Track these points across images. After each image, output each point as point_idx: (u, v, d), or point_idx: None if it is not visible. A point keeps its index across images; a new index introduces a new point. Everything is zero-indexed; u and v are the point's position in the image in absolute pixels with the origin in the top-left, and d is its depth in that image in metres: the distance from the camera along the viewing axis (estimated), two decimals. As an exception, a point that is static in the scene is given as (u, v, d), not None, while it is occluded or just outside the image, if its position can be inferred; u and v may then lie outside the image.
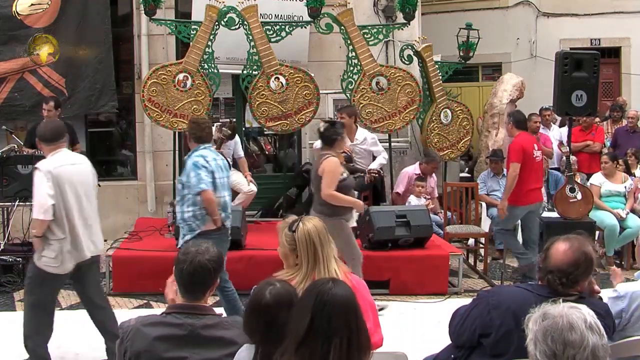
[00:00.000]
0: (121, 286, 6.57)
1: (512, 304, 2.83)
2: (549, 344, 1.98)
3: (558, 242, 2.90)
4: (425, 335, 5.31)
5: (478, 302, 2.99)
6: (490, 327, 2.85)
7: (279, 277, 3.10)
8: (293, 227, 3.21)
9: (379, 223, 6.65)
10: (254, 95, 7.87)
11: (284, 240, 3.22)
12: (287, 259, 3.25)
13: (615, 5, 12.80)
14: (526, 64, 12.86)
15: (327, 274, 3.13)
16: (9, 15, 8.78)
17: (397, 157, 9.32)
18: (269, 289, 2.42)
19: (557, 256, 2.84)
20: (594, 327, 2.00)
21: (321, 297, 2.22)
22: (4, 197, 6.95)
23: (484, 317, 2.89)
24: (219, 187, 5.12)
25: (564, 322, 1.99)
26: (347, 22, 7.97)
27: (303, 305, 2.24)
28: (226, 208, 5.23)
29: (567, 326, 1.98)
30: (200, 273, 2.70)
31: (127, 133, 10.08)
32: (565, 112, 7.15)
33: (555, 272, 2.81)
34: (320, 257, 3.16)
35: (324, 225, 3.28)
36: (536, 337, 2.02)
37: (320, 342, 2.16)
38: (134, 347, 2.58)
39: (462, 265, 6.81)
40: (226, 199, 5.24)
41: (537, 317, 2.07)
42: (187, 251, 2.76)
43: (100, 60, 9.04)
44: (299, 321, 2.20)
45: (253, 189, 7.82)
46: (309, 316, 2.18)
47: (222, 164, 5.23)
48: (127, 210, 9.32)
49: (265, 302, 2.39)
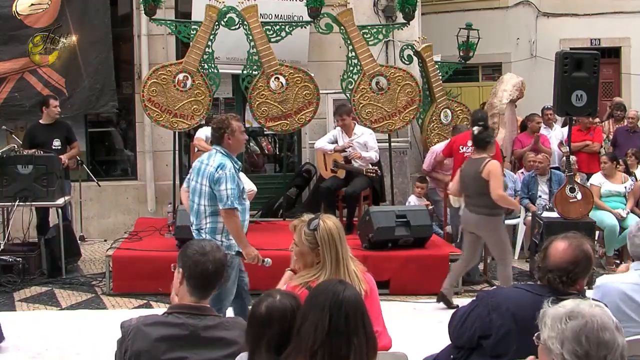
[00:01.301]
0: (121, 286, 6.56)
1: (511, 305, 2.83)
2: (582, 344, 1.94)
3: (556, 241, 2.90)
4: (425, 335, 5.31)
5: (477, 303, 2.98)
6: (489, 329, 2.84)
7: (299, 280, 3.11)
8: (313, 225, 3.15)
9: (379, 223, 6.65)
10: (254, 95, 7.87)
11: (304, 239, 3.16)
12: (304, 258, 3.19)
13: (615, 5, 12.80)
14: (526, 64, 12.88)
15: (348, 272, 3.11)
16: (9, 15, 8.78)
17: (397, 157, 9.31)
18: (265, 302, 2.41)
19: (556, 255, 2.84)
20: (619, 327, 1.99)
21: (337, 297, 2.19)
22: (4, 197, 6.95)
23: (483, 318, 2.88)
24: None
25: (596, 321, 1.96)
26: (347, 22, 7.97)
27: (317, 306, 2.20)
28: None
29: (601, 326, 1.95)
30: (213, 272, 2.70)
31: (127, 133, 10.09)
32: (565, 112, 7.15)
33: (555, 270, 2.81)
34: (341, 255, 3.13)
35: (340, 224, 3.26)
36: (564, 336, 1.99)
37: (340, 342, 2.14)
38: (134, 347, 2.58)
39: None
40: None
41: (562, 315, 2.01)
42: (199, 249, 2.72)
43: (100, 60, 9.04)
44: (314, 322, 2.17)
45: (253, 188, 7.81)
46: (327, 316, 2.16)
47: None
48: (127, 210, 9.33)
49: (259, 314, 2.39)
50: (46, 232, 7.27)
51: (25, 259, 6.91)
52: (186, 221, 6.59)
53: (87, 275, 7.23)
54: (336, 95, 8.93)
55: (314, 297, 2.26)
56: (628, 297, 3.25)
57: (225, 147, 4.63)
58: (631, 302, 3.24)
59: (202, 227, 4.60)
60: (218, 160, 4.54)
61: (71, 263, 7.42)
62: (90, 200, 9.07)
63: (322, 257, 3.13)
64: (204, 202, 4.57)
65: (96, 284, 6.86)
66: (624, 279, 3.34)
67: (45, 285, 6.80)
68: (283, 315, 2.36)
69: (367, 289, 3.14)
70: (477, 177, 5.76)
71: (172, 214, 7.53)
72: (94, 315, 6.00)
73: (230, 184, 4.47)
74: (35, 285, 6.78)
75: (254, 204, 8.23)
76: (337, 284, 2.28)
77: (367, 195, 7.73)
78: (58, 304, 6.33)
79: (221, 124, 4.66)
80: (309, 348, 2.14)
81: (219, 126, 4.65)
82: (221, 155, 4.59)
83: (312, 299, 2.27)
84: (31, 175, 6.99)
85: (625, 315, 3.20)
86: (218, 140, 4.65)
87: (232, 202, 4.47)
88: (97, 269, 7.41)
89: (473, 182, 5.84)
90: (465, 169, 6.02)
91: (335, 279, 2.77)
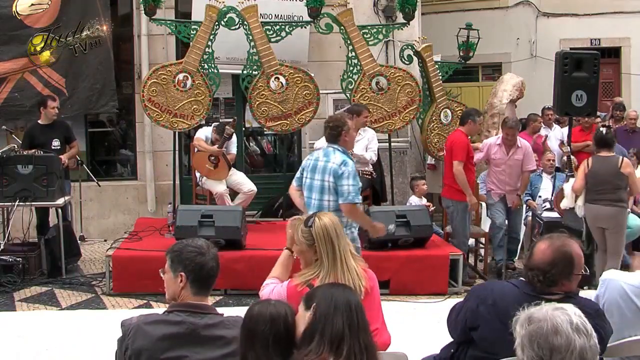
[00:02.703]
0: (121, 286, 6.56)
1: (497, 298, 2.88)
2: (535, 349, 1.94)
3: (541, 241, 2.95)
4: (425, 335, 5.31)
5: (469, 296, 3.05)
6: (477, 320, 2.90)
7: (300, 278, 3.14)
8: (309, 223, 3.20)
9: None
10: (254, 95, 7.87)
11: (301, 236, 3.21)
12: (304, 256, 3.24)
13: (615, 5, 12.80)
14: (526, 64, 12.88)
15: (347, 269, 3.14)
16: (9, 15, 8.78)
17: (397, 157, 9.32)
18: (254, 308, 2.47)
19: (537, 255, 2.88)
20: (580, 328, 1.95)
21: (347, 299, 2.32)
22: (4, 197, 6.95)
23: (473, 310, 2.94)
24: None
25: (548, 326, 1.95)
26: (347, 22, 7.97)
27: (338, 306, 2.32)
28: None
29: (552, 330, 1.94)
30: (214, 270, 2.71)
31: (127, 133, 10.09)
32: (565, 112, 7.16)
33: (535, 270, 2.86)
34: (337, 250, 3.15)
35: (338, 220, 3.30)
36: (523, 342, 1.98)
37: (354, 341, 2.26)
38: (135, 345, 2.58)
39: (461, 265, 6.80)
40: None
41: (523, 320, 2.02)
42: (202, 251, 2.71)
43: (100, 60, 9.05)
44: (330, 323, 2.28)
45: (253, 188, 7.82)
46: (340, 318, 2.28)
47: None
48: (127, 210, 9.33)
49: (245, 321, 2.45)
50: (46, 232, 7.27)
51: (25, 259, 6.91)
52: (186, 221, 6.64)
53: (87, 275, 7.23)
54: (336, 95, 8.93)
55: (329, 299, 2.36)
56: (629, 297, 3.26)
57: (342, 144, 4.91)
58: (631, 303, 3.25)
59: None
60: (340, 158, 4.82)
61: (71, 263, 7.42)
62: (90, 200, 9.07)
63: (319, 254, 3.15)
64: (327, 197, 4.85)
65: (96, 284, 6.85)
66: (629, 279, 3.35)
67: (45, 285, 6.80)
68: (276, 319, 2.39)
69: (368, 286, 3.16)
70: (616, 173, 6.35)
71: (172, 214, 7.53)
72: (94, 315, 5.99)
73: (353, 180, 4.77)
74: (35, 285, 6.77)
75: (254, 204, 8.26)
76: (340, 287, 2.42)
77: (367, 195, 7.72)
78: (58, 304, 6.33)
79: (338, 122, 4.95)
80: (335, 344, 2.26)
81: (337, 124, 4.92)
82: (340, 153, 4.87)
83: (328, 300, 2.35)
84: (31, 175, 6.99)
85: (623, 314, 3.22)
86: (335, 139, 4.92)
87: (353, 198, 4.76)
88: (97, 269, 7.41)
89: (611, 178, 6.37)
90: (597, 166, 6.47)
91: (332, 282, 2.83)
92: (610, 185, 6.39)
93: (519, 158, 7.28)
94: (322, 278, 3.07)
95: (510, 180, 7.35)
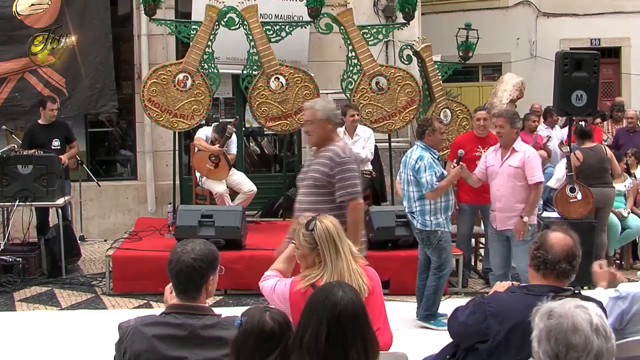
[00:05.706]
0: (121, 286, 6.56)
1: (509, 312, 2.83)
2: (552, 345, 1.92)
3: (551, 234, 2.92)
4: (425, 335, 5.31)
5: (474, 310, 2.98)
6: (487, 335, 2.85)
7: (303, 282, 3.12)
8: (310, 226, 3.18)
9: (379, 223, 6.65)
10: (254, 95, 7.87)
11: (303, 240, 3.19)
12: (305, 260, 3.22)
13: (615, 5, 12.81)
14: (526, 64, 12.89)
15: (350, 270, 3.12)
16: (9, 15, 8.78)
17: (397, 157, 9.30)
18: (256, 313, 2.41)
19: (559, 244, 2.85)
20: (599, 329, 1.92)
21: (334, 309, 2.20)
22: (4, 197, 6.95)
23: (480, 324, 2.89)
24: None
25: (568, 323, 1.92)
26: (347, 22, 7.96)
27: (315, 318, 2.20)
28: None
29: (572, 328, 1.91)
30: (187, 272, 2.67)
31: (127, 133, 10.09)
32: (565, 112, 7.14)
33: (563, 260, 2.83)
34: (341, 252, 3.15)
35: (338, 223, 3.28)
36: (540, 335, 1.95)
37: (337, 356, 2.16)
38: (133, 347, 2.58)
39: (462, 266, 6.80)
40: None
41: (543, 313, 1.99)
42: (174, 251, 2.73)
43: (100, 60, 9.05)
44: (313, 334, 2.17)
45: (253, 188, 7.82)
46: (324, 330, 2.16)
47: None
48: (127, 210, 9.33)
49: (240, 329, 2.41)
50: (46, 232, 7.27)
51: (25, 259, 6.91)
52: (186, 221, 6.65)
53: (87, 275, 7.23)
54: (336, 95, 8.91)
55: (313, 307, 2.25)
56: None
57: (425, 142, 5.53)
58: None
59: (413, 210, 5.58)
60: (418, 153, 5.49)
61: (71, 263, 7.42)
62: (90, 200, 9.07)
63: (322, 256, 3.14)
64: (412, 188, 5.55)
65: (96, 284, 6.86)
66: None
67: (45, 285, 6.80)
68: (270, 330, 2.33)
69: (370, 286, 3.15)
70: (605, 159, 7.23)
71: (172, 214, 7.53)
72: (94, 315, 6.00)
73: (428, 172, 5.38)
74: (35, 285, 6.78)
75: (254, 204, 8.26)
76: (335, 291, 2.27)
77: (367, 195, 7.72)
78: (58, 304, 6.33)
79: (424, 122, 5.65)
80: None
81: (422, 124, 5.63)
82: (420, 149, 5.51)
83: (311, 309, 2.26)
84: (31, 175, 6.99)
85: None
86: (420, 136, 5.59)
87: (432, 185, 5.40)
88: (97, 269, 7.41)
89: (601, 164, 7.18)
90: (589, 156, 7.15)
91: (334, 282, 2.78)
92: (603, 171, 7.19)
93: (513, 165, 5.52)
94: (326, 280, 3.06)
95: (502, 196, 5.59)
